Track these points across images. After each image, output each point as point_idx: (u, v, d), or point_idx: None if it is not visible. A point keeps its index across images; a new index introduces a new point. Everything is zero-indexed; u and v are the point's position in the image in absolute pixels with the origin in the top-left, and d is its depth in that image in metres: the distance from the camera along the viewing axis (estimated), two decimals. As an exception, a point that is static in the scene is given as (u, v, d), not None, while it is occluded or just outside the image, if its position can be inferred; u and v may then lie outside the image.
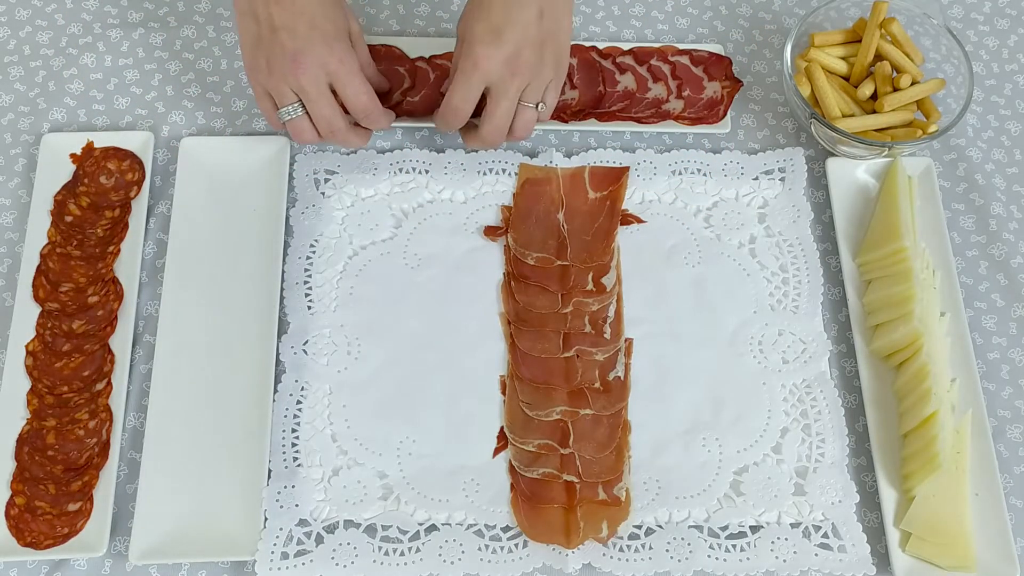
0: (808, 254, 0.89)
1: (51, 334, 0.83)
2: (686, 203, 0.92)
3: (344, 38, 0.80)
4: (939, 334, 0.84)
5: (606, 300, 0.86)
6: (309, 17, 0.78)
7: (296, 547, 0.77)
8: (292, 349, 0.84)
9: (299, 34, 0.78)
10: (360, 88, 0.81)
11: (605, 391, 0.83)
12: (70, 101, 0.94)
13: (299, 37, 0.78)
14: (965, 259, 0.91)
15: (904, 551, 0.78)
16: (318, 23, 0.78)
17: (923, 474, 0.78)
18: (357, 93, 0.81)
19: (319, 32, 0.78)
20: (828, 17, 0.96)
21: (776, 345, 0.86)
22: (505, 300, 0.87)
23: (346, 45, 0.80)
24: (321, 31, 0.78)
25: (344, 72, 0.79)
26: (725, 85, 0.95)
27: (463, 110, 0.83)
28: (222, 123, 0.94)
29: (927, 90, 0.92)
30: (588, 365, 0.84)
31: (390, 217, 0.90)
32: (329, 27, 0.79)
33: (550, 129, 0.94)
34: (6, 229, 0.89)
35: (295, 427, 0.81)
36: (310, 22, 0.78)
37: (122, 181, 0.89)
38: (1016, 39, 1.02)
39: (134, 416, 0.82)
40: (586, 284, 0.87)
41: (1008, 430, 0.85)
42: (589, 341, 0.85)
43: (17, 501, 0.78)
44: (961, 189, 0.94)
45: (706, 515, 0.80)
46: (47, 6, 0.98)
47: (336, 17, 0.80)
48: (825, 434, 0.83)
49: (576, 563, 0.77)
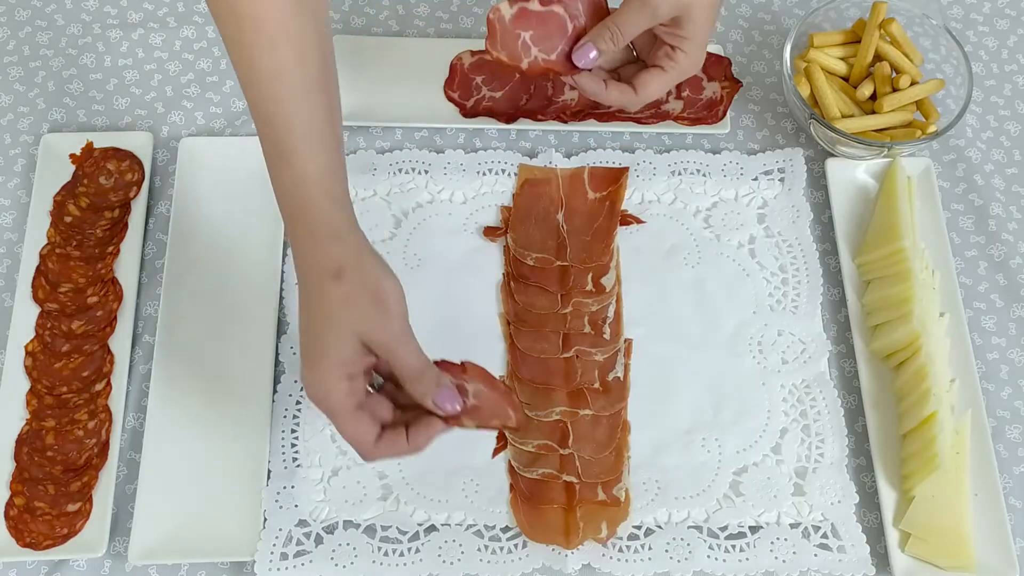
0: (807, 254, 0.89)
1: (50, 334, 0.83)
2: (685, 203, 0.92)
3: (331, 362, 0.66)
4: (938, 334, 0.84)
5: (605, 300, 0.86)
6: (302, 335, 0.68)
7: (295, 547, 0.77)
8: (292, 349, 0.84)
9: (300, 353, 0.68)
10: (343, 428, 0.67)
11: (604, 391, 0.83)
12: (69, 101, 0.94)
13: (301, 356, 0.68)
14: (964, 259, 0.91)
15: (903, 551, 0.78)
16: (304, 345, 0.67)
17: (922, 474, 0.78)
18: (344, 433, 0.67)
19: (304, 358, 0.67)
20: (827, 18, 0.96)
21: (775, 345, 0.86)
22: (504, 301, 0.87)
23: (332, 374, 0.65)
24: (305, 356, 0.67)
25: (324, 410, 0.67)
26: (724, 85, 0.95)
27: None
28: (222, 123, 0.94)
29: (926, 91, 0.92)
30: (587, 365, 0.84)
31: (389, 217, 0.90)
32: (312, 352, 0.66)
33: (549, 129, 0.94)
34: (5, 229, 0.89)
35: (294, 427, 0.81)
36: (302, 342, 0.68)
37: (122, 181, 0.89)
38: (1015, 40, 1.02)
39: (133, 416, 0.82)
40: (585, 284, 0.87)
41: (1007, 430, 0.85)
42: (588, 341, 0.85)
43: (16, 502, 0.78)
44: (960, 190, 0.94)
45: (705, 515, 0.80)
46: (47, 6, 0.98)
47: (327, 334, 0.66)
48: (824, 434, 0.83)
49: (576, 563, 0.77)
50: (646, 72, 0.75)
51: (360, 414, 0.67)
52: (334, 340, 0.66)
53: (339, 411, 0.66)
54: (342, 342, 0.66)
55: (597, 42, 0.73)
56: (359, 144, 0.93)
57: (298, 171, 0.66)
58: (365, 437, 0.67)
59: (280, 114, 0.65)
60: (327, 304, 0.66)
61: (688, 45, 0.73)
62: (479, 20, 1.00)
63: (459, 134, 0.95)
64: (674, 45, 0.73)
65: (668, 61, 0.74)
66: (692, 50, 0.73)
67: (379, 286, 0.67)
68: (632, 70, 0.76)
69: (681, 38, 0.72)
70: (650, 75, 0.74)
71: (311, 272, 0.67)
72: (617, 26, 0.72)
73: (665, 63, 0.74)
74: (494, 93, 0.95)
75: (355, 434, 0.67)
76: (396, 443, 0.68)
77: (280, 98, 0.65)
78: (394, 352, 0.67)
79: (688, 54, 0.73)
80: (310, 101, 0.66)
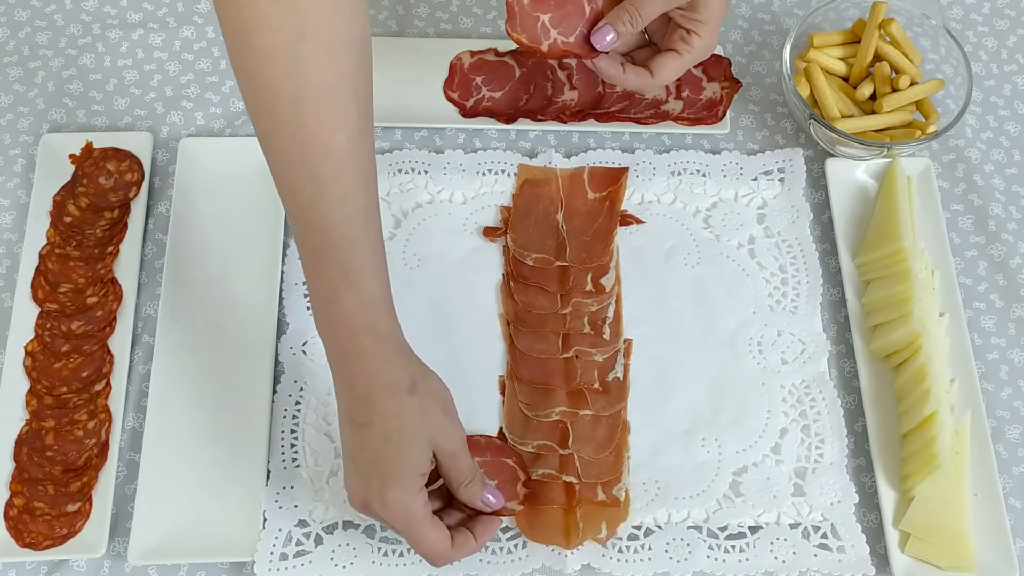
0: (807, 255, 0.89)
1: (50, 335, 0.83)
2: (685, 204, 0.92)
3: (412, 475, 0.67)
4: (938, 334, 0.84)
5: (605, 301, 0.86)
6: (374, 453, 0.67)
7: (295, 548, 0.77)
8: (291, 350, 0.84)
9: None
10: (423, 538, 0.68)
11: (604, 392, 0.83)
12: (69, 102, 0.94)
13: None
14: (964, 259, 0.91)
15: (903, 551, 0.78)
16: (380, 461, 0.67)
17: (922, 474, 0.78)
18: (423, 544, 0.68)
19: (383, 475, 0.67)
20: (827, 18, 0.96)
21: (775, 346, 0.86)
22: (504, 301, 0.87)
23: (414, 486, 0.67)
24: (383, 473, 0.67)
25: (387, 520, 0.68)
26: (724, 86, 0.95)
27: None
28: (221, 124, 0.94)
29: (926, 91, 0.92)
30: (587, 366, 0.84)
31: (389, 218, 0.90)
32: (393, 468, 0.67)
33: (549, 130, 0.94)
34: (5, 230, 0.89)
35: (294, 428, 0.81)
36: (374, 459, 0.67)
37: (121, 182, 0.89)
38: (1015, 40, 1.02)
39: (133, 417, 0.82)
40: (585, 285, 0.87)
41: (1007, 430, 0.85)
42: (588, 342, 0.85)
43: (16, 502, 0.78)
44: (960, 190, 0.94)
45: (705, 516, 0.80)
46: (46, 7, 0.98)
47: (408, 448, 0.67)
48: (824, 434, 0.83)
49: (575, 564, 0.77)
50: (661, 56, 0.75)
51: (437, 522, 0.69)
52: (413, 453, 0.67)
53: (420, 522, 0.67)
54: (421, 453, 0.67)
55: (615, 24, 0.73)
56: (359, 144, 0.93)
57: (364, 291, 0.67)
58: (444, 544, 0.69)
59: (349, 236, 0.66)
60: (405, 418, 0.67)
61: (703, 29, 0.74)
62: (479, 20, 1.00)
63: (459, 134, 0.95)
64: (689, 29, 0.74)
65: (683, 44, 0.75)
66: (707, 33, 0.74)
67: (444, 395, 0.70)
68: (646, 54, 0.77)
69: (696, 21, 0.74)
70: (666, 58, 0.75)
71: (384, 389, 0.67)
72: (636, 9, 0.72)
73: (680, 47, 0.75)
74: (494, 93, 0.95)
75: (435, 543, 0.68)
76: (467, 545, 0.70)
77: (350, 219, 0.66)
78: (456, 457, 0.69)
79: (703, 37, 0.74)
80: (371, 222, 0.67)
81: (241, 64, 0.65)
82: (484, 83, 0.95)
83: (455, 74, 0.96)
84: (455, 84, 0.95)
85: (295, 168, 0.65)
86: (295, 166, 0.65)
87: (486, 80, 0.95)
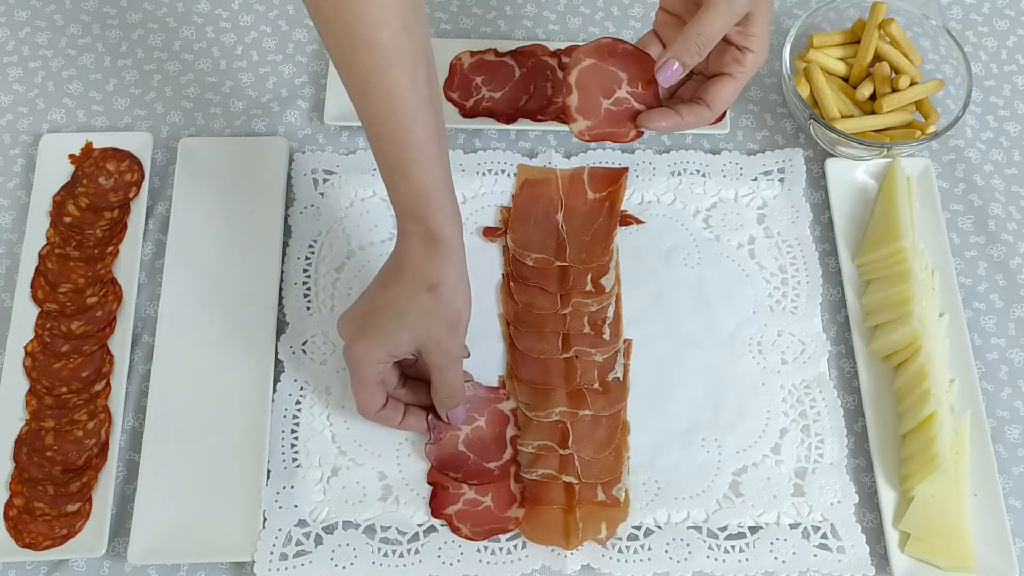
0: (807, 255, 0.89)
1: (50, 335, 0.83)
2: (685, 204, 0.92)
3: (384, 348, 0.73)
4: (938, 335, 0.84)
5: (605, 301, 0.86)
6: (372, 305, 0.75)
7: (295, 548, 0.77)
8: (291, 349, 0.84)
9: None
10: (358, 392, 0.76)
11: (604, 392, 0.83)
12: (69, 102, 0.94)
13: None
14: (964, 260, 0.91)
15: (903, 552, 0.78)
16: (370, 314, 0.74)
17: (922, 475, 0.78)
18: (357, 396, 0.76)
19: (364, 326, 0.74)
20: (827, 18, 0.96)
21: (775, 346, 0.86)
22: (504, 301, 0.87)
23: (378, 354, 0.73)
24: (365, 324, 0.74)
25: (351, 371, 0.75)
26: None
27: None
28: (221, 124, 0.94)
29: (926, 91, 0.92)
30: (587, 366, 0.84)
31: (389, 218, 0.90)
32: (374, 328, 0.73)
33: (549, 130, 0.94)
34: (5, 230, 0.89)
35: (294, 427, 0.81)
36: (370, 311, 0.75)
37: (121, 182, 0.89)
38: (1015, 40, 1.02)
39: (133, 417, 0.82)
40: (585, 285, 0.87)
41: (1007, 431, 0.85)
42: (588, 342, 0.85)
43: (16, 502, 0.78)
44: (960, 190, 0.94)
45: (705, 516, 0.80)
46: (46, 7, 0.98)
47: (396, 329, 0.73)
48: (824, 435, 0.83)
49: (575, 564, 0.77)
50: (715, 84, 0.73)
51: (378, 388, 0.76)
52: (397, 336, 0.73)
53: (364, 380, 0.75)
54: (402, 341, 0.73)
55: (682, 56, 0.71)
56: (359, 144, 0.93)
57: (414, 184, 0.69)
58: (373, 406, 0.76)
59: (396, 131, 0.68)
60: (412, 308, 0.72)
61: (757, 43, 0.72)
62: (479, 20, 1.00)
63: (458, 134, 0.95)
64: (743, 46, 0.72)
65: (736, 66, 0.72)
66: (760, 47, 0.72)
67: (460, 311, 0.73)
68: (692, 88, 0.75)
69: (751, 36, 0.72)
70: (720, 85, 0.73)
71: (411, 275, 0.72)
72: (701, 35, 0.70)
73: (733, 68, 0.72)
74: (493, 93, 0.95)
75: (366, 401, 0.76)
76: (391, 419, 0.78)
77: (394, 115, 0.67)
78: (442, 369, 0.75)
79: (757, 53, 0.72)
80: (422, 116, 0.68)
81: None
82: (484, 83, 0.95)
83: (455, 74, 0.96)
84: (455, 84, 0.95)
85: (344, 64, 0.67)
86: (345, 62, 0.67)
87: (486, 80, 0.95)
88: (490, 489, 0.79)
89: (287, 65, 0.97)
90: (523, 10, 1.01)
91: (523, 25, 1.00)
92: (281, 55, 0.97)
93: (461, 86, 0.95)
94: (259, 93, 0.95)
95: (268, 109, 0.94)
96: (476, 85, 0.95)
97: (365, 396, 0.76)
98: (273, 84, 0.96)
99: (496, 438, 0.80)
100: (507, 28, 1.00)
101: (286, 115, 0.94)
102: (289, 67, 0.97)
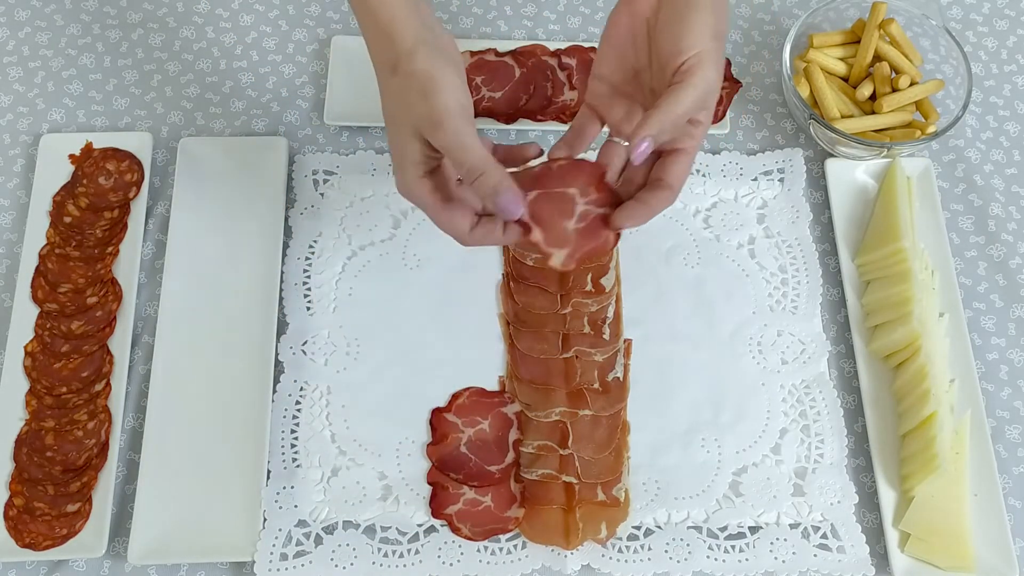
0: (807, 255, 0.89)
1: (50, 335, 0.83)
2: (685, 204, 0.92)
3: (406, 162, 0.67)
4: (938, 335, 0.84)
5: (605, 301, 0.86)
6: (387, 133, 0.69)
7: (295, 548, 0.77)
8: (291, 349, 0.84)
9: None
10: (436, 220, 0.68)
11: (604, 392, 0.83)
12: (69, 102, 0.94)
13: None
14: (964, 260, 0.91)
15: (903, 552, 0.78)
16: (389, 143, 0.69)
17: (922, 475, 0.78)
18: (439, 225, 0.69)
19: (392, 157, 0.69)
20: (827, 18, 0.96)
21: (775, 346, 0.86)
22: (504, 301, 0.87)
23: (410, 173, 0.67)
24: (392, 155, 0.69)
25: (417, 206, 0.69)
26: (724, 86, 0.95)
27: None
28: (221, 124, 0.94)
29: (926, 91, 0.92)
30: (587, 366, 0.84)
31: (389, 218, 0.90)
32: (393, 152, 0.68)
33: (549, 130, 0.94)
34: (5, 230, 0.89)
35: (294, 428, 0.81)
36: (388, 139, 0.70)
37: (121, 182, 0.89)
38: (1015, 40, 1.02)
39: (133, 417, 0.82)
40: (585, 285, 0.87)
41: (1007, 431, 0.85)
42: (588, 342, 0.85)
43: (16, 502, 0.78)
44: (960, 190, 0.94)
45: (705, 516, 0.80)
46: (46, 7, 0.98)
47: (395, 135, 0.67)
48: (824, 435, 0.83)
49: (575, 564, 0.77)
50: (671, 162, 0.67)
51: (451, 206, 0.67)
52: (400, 140, 0.66)
53: (428, 206, 0.67)
54: (408, 141, 0.66)
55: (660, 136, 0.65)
56: (359, 144, 0.93)
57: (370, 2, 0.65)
58: (459, 227, 0.67)
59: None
60: (388, 101, 0.67)
61: (707, 116, 0.67)
62: (479, 20, 1.00)
63: (459, 134, 0.94)
64: (696, 119, 0.66)
65: (688, 140, 0.67)
66: (708, 119, 0.67)
67: (428, 76, 0.64)
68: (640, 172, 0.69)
69: (703, 110, 0.66)
70: (677, 163, 0.67)
71: (378, 69, 0.67)
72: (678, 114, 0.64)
73: (686, 143, 0.67)
74: (494, 93, 0.95)
75: (448, 225, 0.67)
76: (491, 233, 0.67)
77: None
78: (447, 149, 0.64)
79: (705, 124, 0.67)
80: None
81: None
82: (484, 83, 0.95)
83: (455, 74, 0.96)
84: (455, 84, 0.95)
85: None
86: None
87: (486, 80, 0.95)
88: (490, 489, 0.79)
89: (287, 65, 0.97)
90: (523, 10, 1.01)
91: (523, 25, 1.00)
92: (281, 55, 0.97)
93: (461, 86, 0.95)
94: (259, 93, 0.95)
95: (268, 109, 0.94)
96: (476, 85, 0.95)
97: (444, 222, 0.67)
98: (273, 84, 0.96)
99: (498, 441, 0.80)
100: (507, 28, 1.00)
101: (286, 115, 0.94)
102: (289, 67, 0.97)
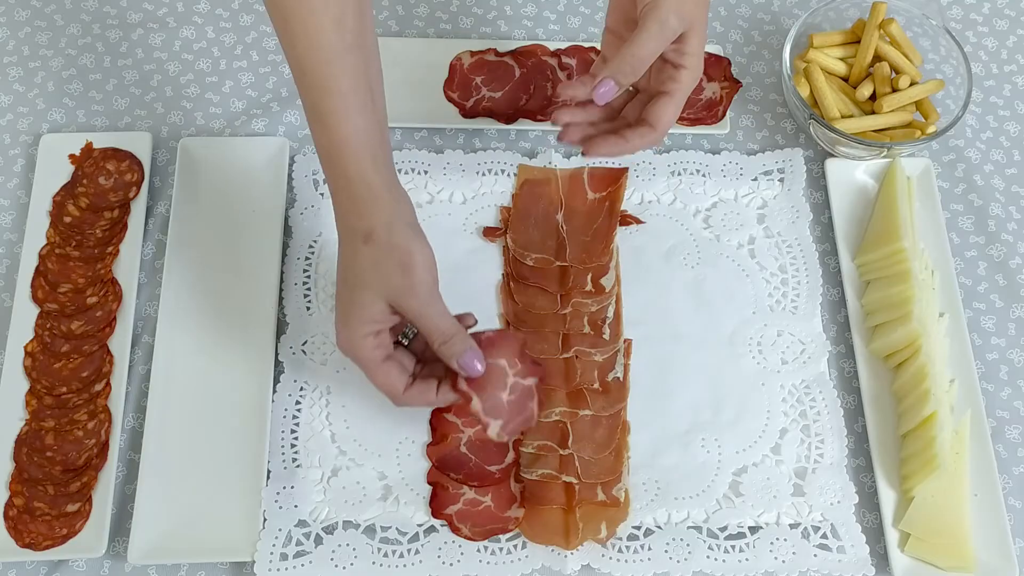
0: (807, 255, 0.89)
1: (50, 335, 0.83)
2: (685, 204, 0.92)
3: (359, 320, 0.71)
4: (938, 335, 0.84)
5: (605, 301, 0.86)
6: (337, 292, 0.73)
7: (295, 548, 0.77)
8: (291, 349, 0.84)
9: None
10: (373, 377, 0.72)
11: (604, 392, 0.83)
12: (69, 102, 0.94)
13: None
14: (964, 260, 0.91)
15: (903, 552, 0.78)
16: (338, 301, 0.72)
17: (922, 475, 0.78)
18: (375, 382, 0.73)
19: (337, 313, 0.72)
20: (827, 18, 0.96)
21: (775, 346, 0.86)
22: (504, 301, 0.87)
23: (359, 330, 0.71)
24: (338, 312, 0.72)
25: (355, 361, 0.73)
26: (724, 86, 0.95)
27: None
28: (221, 124, 0.94)
29: (926, 91, 0.92)
30: (587, 366, 0.84)
31: (389, 218, 0.90)
32: (343, 309, 0.72)
33: (549, 130, 0.94)
34: (5, 230, 0.89)
35: (294, 428, 0.81)
36: (337, 298, 0.73)
37: (121, 182, 0.89)
38: (1015, 40, 1.02)
39: (133, 417, 0.82)
40: (585, 285, 0.87)
41: (1007, 431, 0.85)
42: (588, 342, 0.85)
43: (16, 502, 0.78)
44: (960, 190, 0.94)
45: (705, 516, 0.80)
46: (46, 7, 0.98)
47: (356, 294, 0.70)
48: (824, 435, 0.83)
49: (575, 564, 0.77)
50: (655, 104, 0.74)
51: (389, 364, 0.72)
52: (362, 300, 0.70)
53: (367, 362, 0.72)
54: (369, 303, 0.70)
55: (617, 76, 0.71)
56: (359, 144, 0.93)
57: (334, 134, 0.69)
58: (394, 385, 0.72)
59: (317, 76, 0.68)
60: (358, 266, 0.70)
61: (691, 60, 0.72)
62: (479, 20, 1.00)
63: (458, 134, 0.95)
64: (678, 63, 0.72)
65: (672, 83, 0.73)
66: (694, 64, 0.73)
67: (408, 251, 0.70)
68: (635, 110, 0.76)
69: (685, 55, 0.72)
70: (660, 104, 0.73)
71: (346, 233, 0.71)
72: (635, 55, 0.70)
73: (670, 86, 0.73)
74: (493, 93, 0.95)
75: (384, 382, 0.72)
76: (425, 393, 0.73)
77: (317, 61, 0.67)
78: (421, 317, 0.71)
79: (691, 69, 0.73)
80: (344, 64, 0.68)
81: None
82: (484, 83, 0.95)
83: (455, 74, 0.96)
84: (455, 84, 0.95)
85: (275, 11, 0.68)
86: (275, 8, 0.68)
87: (486, 80, 0.95)
88: (490, 489, 0.79)
89: (287, 65, 0.97)
90: (523, 10, 1.01)
91: (523, 25, 1.00)
92: (281, 55, 0.97)
93: (461, 86, 0.95)
94: (259, 93, 0.95)
95: (268, 109, 0.94)
96: (476, 85, 0.95)
97: (381, 379, 0.72)
98: (273, 84, 0.96)
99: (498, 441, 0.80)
100: (507, 28, 1.00)
101: (286, 115, 0.94)
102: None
